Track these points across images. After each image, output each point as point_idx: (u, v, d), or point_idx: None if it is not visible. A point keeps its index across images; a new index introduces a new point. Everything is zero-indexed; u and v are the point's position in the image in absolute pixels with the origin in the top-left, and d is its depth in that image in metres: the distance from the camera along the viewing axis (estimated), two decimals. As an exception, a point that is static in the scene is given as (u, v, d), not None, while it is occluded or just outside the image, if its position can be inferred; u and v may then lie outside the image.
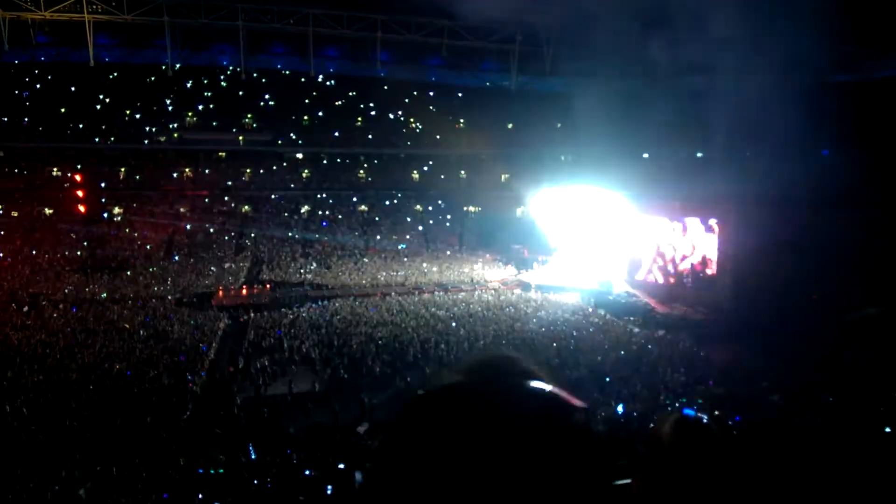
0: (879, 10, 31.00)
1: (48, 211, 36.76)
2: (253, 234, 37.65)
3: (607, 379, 18.59)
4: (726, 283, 26.96)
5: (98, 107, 41.58)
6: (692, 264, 28.75)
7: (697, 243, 28.51)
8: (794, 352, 21.14)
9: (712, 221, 27.95)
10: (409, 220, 41.69)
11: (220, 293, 29.04)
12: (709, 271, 27.98)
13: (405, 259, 37.02)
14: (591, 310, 28.76)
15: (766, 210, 24.90)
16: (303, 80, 47.90)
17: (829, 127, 28.23)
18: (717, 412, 14.46)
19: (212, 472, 11.18)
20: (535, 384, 0.73)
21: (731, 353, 21.74)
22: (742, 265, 25.97)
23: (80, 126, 39.93)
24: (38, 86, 41.85)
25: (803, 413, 12.86)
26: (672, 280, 29.42)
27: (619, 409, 15.55)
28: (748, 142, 29.11)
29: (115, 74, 43.91)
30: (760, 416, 13.96)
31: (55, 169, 38.68)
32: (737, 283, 26.29)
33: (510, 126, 47.72)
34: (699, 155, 38.51)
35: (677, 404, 16.03)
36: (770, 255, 24.75)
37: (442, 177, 45.21)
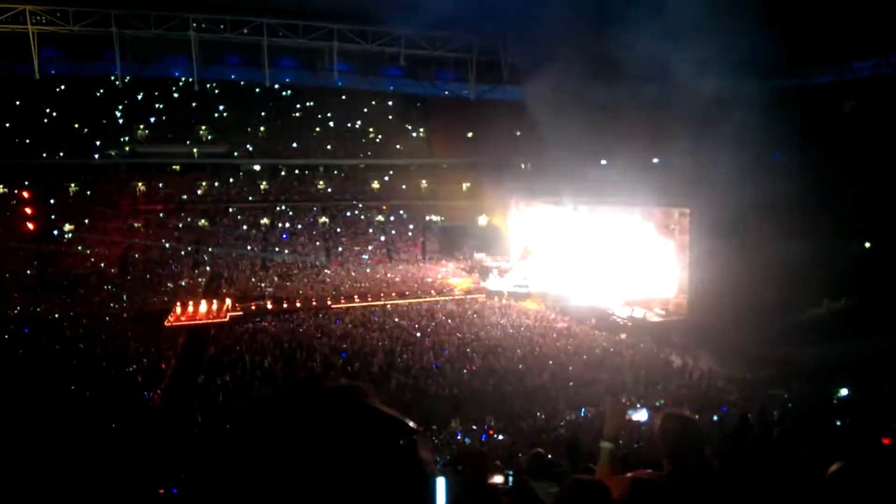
0: (820, 19, 32.26)
1: (-6, 229, 35.40)
2: (210, 249, 36.95)
3: (570, 383, 18.79)
4: (684, 285, 27.50)
5: (45, 121, 40.33)
6: (650, 266, 29.22)
7: (655, 246, 28.99)
8: (749, 351, 21.79)
9: (670, 223, 28.47)
10: (370, 230, 41.52)
11: (177, 309, 28.40)
12: (666, 273, 28.47)
13: (368, 270, 36.85)
14: (554, 315, 29.08)
15: (721, 213, 25.59)
16: (258, 90, 47.39)
17: (779, 131, 29.23)
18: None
19: (173, 490, 10.91)
20: (375, 405, 0.81)
21: (690, 354, 22.24)
22: (698, 267, 26.55)
23: (27, 141, 38.68)
24: (-20, 100, 40.43)
25: (759, 410, 13.18)
26: (632, 283, 29.85)
27: (582, 412, 15.74)
28: (700, 146, 29.85)
29: (63, 87, 42.70)
30: (718, 415, 14.33)
31: (1, 186, 37.34)
32: (694, 285, 26.86)
33: (470, 135, 48.03)
34: (655, 161, 39.37)
35: (638, 406, 16.29)
36: (725, 258, 25.42)
37: (403, 186, 45.18)
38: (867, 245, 30.25)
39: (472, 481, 4.28)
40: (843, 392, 15.28)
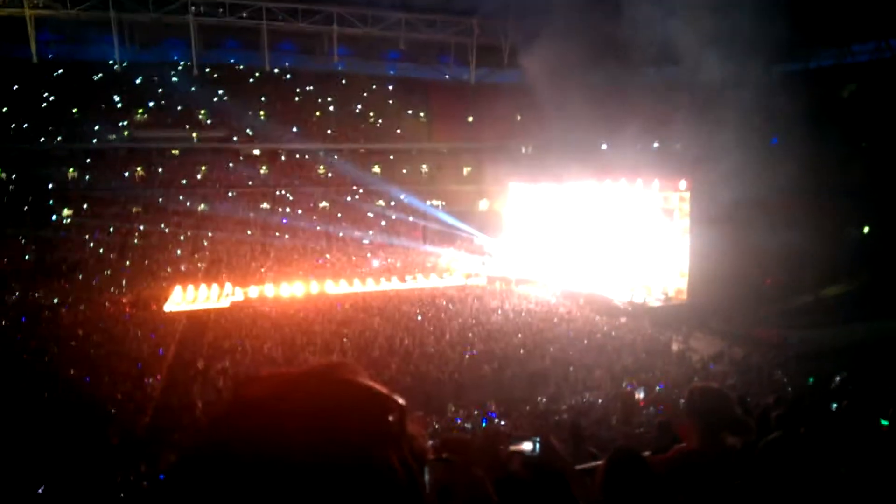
0: (819, 2, 31.88)
1: (-8, 215, 35.23)
2: (210, 233, 36.83)
3: (571, 368, 18.79)
4: (683, 268, 27.43)
5: (43, 105, 40.04)
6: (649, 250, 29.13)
7: (656, 229, 28.88)
8: (748, 335, 21.81)
9: (670, 207, 28.34)
10: (371, 215, 41.37)
11: (177, 294, 28.36)
12: (666, 257, 28.38)
13: (368, 255, 36.78)
14: (554, 300, 29.08)
15: (721, 196, 25.47)
16: (257, 74, 47.00)
17: (779, 115, 29.02)
18: (680, 398, 14.77)
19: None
20: (362, 380, 0.81)
21: (690, 338, 22.26)
22: (698, 251, 26.47)
23: (25, 126, 38.44)
24: (-23, 85, 40.08)
25: (757, 394, 13.19)
26: (631, 267, 29.77)
27: (584, 397, 15.74)
28: (701, 130, 29.64)
29: (61, 71, 42.33)
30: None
31: (-1, 171, 37.16)
32: (694, 269, 26.80)
33: (470, 119, 47.74)
34: (655, 145, 39.14)
35: (641, 389, 16.31)
36: (725, 241, 25.35)
37: (403, 171, 44.96)
38: (866, 230, 30.14)
39: (458, 467, 4.18)
40: (841, 376, 15.24)
